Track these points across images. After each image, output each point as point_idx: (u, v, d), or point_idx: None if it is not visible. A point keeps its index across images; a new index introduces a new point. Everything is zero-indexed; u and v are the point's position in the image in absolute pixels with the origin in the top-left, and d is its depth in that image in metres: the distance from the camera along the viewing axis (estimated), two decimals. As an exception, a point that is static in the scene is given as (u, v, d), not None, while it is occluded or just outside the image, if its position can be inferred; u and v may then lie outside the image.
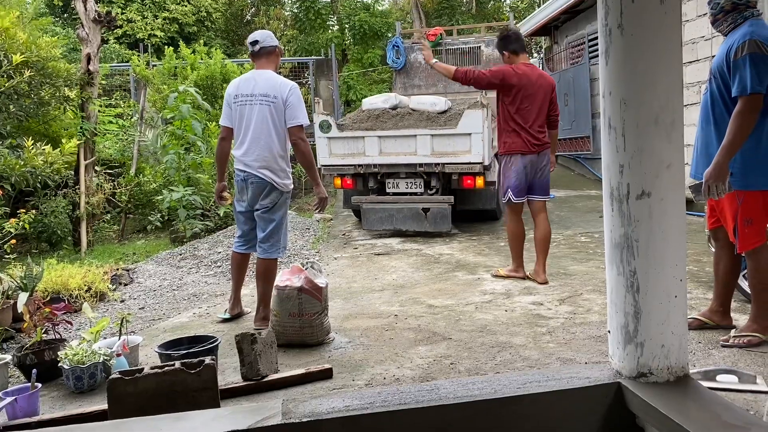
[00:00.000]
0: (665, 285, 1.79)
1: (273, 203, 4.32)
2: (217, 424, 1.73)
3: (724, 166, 3.25)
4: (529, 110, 5.08)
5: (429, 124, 7.53)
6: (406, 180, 7.71)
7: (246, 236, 4.52)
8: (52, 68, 7.42)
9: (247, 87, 4.29)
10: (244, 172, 4.30)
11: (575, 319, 4.23)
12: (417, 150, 7.42)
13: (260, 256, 4.39)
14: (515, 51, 5.25)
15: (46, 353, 3.67)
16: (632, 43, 1.76)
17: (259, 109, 4.22)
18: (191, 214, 8.16)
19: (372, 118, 7.92)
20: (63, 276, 5.35)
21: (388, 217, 7.57)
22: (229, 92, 4.41)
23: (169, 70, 10.98)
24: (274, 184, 4.27)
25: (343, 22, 18.39)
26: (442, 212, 7.42)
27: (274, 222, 4.35)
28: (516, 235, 5.33)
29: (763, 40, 3.21)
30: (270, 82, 4.27)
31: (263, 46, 4.36)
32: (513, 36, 5.31)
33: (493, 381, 1.92)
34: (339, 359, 3.75)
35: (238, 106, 4.29)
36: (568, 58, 13.76)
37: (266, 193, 4.29)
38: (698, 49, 7.90)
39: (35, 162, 6.61)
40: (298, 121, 4.23)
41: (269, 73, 4.35)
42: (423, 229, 7.51)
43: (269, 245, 4.37)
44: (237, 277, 4.62)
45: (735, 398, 2.83)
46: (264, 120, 4.22)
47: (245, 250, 4.56)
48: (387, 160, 7.56)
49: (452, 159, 7.31)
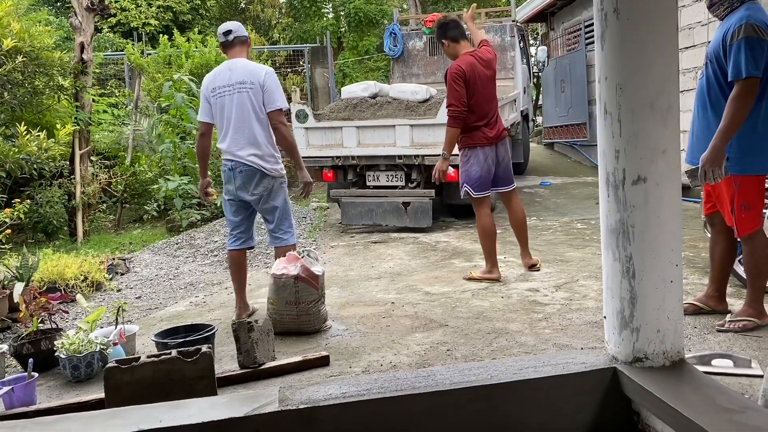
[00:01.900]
0: (661, 270, 1.79)
1: (267, 190, 4.22)
2: (214, 412, 1.73)
3: (721, 150, 3.25)
4: (481, 103, 4.85)
5: (408, 114, 7.23)
6: (387, 173, 7.40)
7: (237, 228, 4.37)
8: (46, 57, 7.36)
9: (223, 78, 4.20)
10: (232, 161, 4.20)
11: (571, 305, 4.24)
12: (396, 141, 7.13)
13: (275, 244, 4.32)
14: (455, 38, 4.96)
15: (42, 343, 3.67)
16: (628, 28, 1.75)
17: (238, 97, 4.14)
18: (187, 204, 8.13)
19: (350, 108, 7.61)
20: (59, 266, 5.34)
21: (368, 212, 7.25)
22: (205, 86, 4.31)
23: (164, 59, 10.90)
24: (263, 170, 4.18)
25: (338, 10, 18.27)
26: (422, 207, 7.11)
27: (278, 208, 4.26)
28: (486, 232, 4.95)
29: (759, 23, 3.20)
30: (246, 68, 4.20)
31: (237, 35, 4.28)
32: (452, 23, 5.04)
33: (490, 367, 1.93)
34: (336, 347, 3.75)
35: (218, 98, 4.20)
36: (564, 44, 13.70)
37: (257, 181, 4.19)
38: (695, 35, 7.88)
39: (30, 149, 6.56)
40: (277, 105, 4.15)
41: (243, 60, 4.27)
42: (403, 224, 7.21)
43: (282, 232, 4.29)
44: (238, 278, 4.40)
45: (730, 382, 2.84)
46: (244, 107, 4.14)
47: (240, 246, 4.39)
48: (366, 151, 7.27)
49: (432, 150, 6.85)
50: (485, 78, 4.88)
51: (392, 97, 7.71)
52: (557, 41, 14.27)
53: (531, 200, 8.86)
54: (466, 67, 4.79)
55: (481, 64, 4.88)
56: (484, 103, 4.88)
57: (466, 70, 4.78)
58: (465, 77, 4.76)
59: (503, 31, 9.93)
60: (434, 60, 10.08)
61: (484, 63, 4.91)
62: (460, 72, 4.77)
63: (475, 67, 4.83)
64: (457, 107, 4.77)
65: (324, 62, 14.02)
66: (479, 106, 4.84)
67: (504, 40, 9.86)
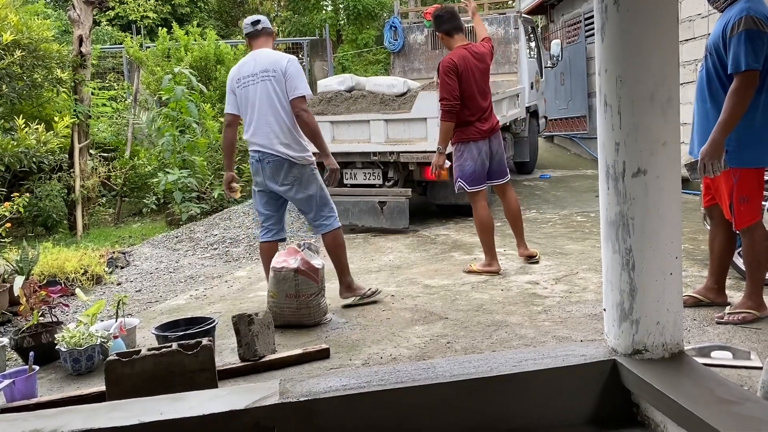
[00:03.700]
0: (660, 263, 1.80)
1: (296, 179, 4.16)
2: (214, 404, 1.74)
3: (720, 143, 3.24)
4: (474, 97, 4.82)
5: (383, 108, 6.88)
6: (364, 170, 7.07)
7: (268, 220, 4.35)
8: (45, 50, 7.34)
9: (248, 68, 4.20)
10: (259, 152, 4.16)
11: (571, 297, 4.25)
12: (371, 137, 6.79)
13: (321, 231, 4.29)
14: (448, 32, 4.91)
15: (43, 336, 3.67)
16: (628, 20, 1.74)
17: (262, 86, 4.12)
18: (187, 197, 8.13)
19: (324, 102, 7.23)
20: (59, 259, 5.35)
21: (344, 212, 6.64)
22: (231, 78, 4.30)
23: (163, 52, 10.88)
24: (291, 159, 4.12)
25: (337, 3, 18.21)
26: (399, 206, 6.77)
27: (313, 196, 4.20)
28: (484, 226, 4.93)
29: (759, 16, 3.19)
30: (269, 57, 4.19)
31: (265, 26, 4.31)
32: (446, 15, 4.94)
33: (489, 359, 1.93)
34: (336, 339, 3.76)
35: (242, 88, 4.19)
36: (564, 37, 13.65)
37: (286, 170, 4.14)
38: (695, 27, 7.86)
39: (28, 142, 6.55)
40: (299, 92, 4.11)
41: (267, 50, 4.28)
42: (379, 225, 6.89)
43: (324, 218, 4.26)
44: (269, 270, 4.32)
45: (729, 374, 2.85)
46: (268, 96, 4.12)
47: (271, 238, 4.36)
48: (340, 148, 6.79)
49: (408, 147, 6.63)
50: (478, 72, 4.86)
51: (368, 90, 7.37)
52: (557, 34, 14.23)
53: (531, 193, 8.85)
54: (458, 60, 4.77)
55: (474, 57, 4.86)
56: (477, 97, 4.85)
57: (458, 63, 4.76)
58: (457, 70, 4.74)
59: (506, 23, 9.52)
60: (436, 54, 9.68)
61: (478, 57, 4.89)
62: (451, 65, 4.75)
63: (467, 61, 4.80)
64: (450, 101, 4.74)
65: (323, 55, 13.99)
66: (472, 100, 4.82)
67: (508, 32, 9.48)
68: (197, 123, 8.87)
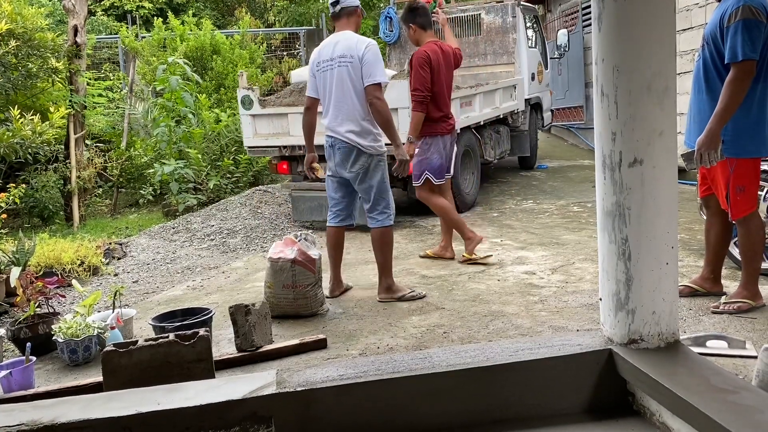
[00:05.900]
0: (657, 252, 1.80)
1: (363, 168, 4.14)
2: (211, 394, 1.74)
3: (716, 133, 3.25)
4: (443, 93, 4.91)
5: None
6: None
7: (338, 206, 4.35)
8: (39, 39, 7.29)
9: (328, 52, 4.14)
10: (332, 138, 4.17)
11: (567, 287, 4.26)
12: None
13: (371, 225, 4.28)
14: (422, 26, 4.95)
15: (39, 327, 3.68)
16: (625, 9, 1.74)
17: (338, 71, 4.07)
18: (183, 188, 8.10)
19: (296, 93, 6.96)
20: (55, 250, 5.34)
21: (318, 207, 6.49)
22: (312, 60, 4.26)
23: (159, 42, 10.81)
24: (360, 147, 4.09)
25: (334, -8, 18.09)
26: None
27: (374, 187, 4.18)
28: (447, 208, 5.05)
29: (756, 5, 3.19)
30: (348, 42, 4.11)
31: (344, 6, 4.21)
32: (421, 9, 4.98)
33: (486, 349, 1.93)
34: (333, 329, 3.77)
35: (321, 72, 4.15)
36: (561, 26, 13.62)
37: (354, 158, 4.12)
38: (692, 17, 7.84)
39: (24, 132, 6.52)
40: (375, 79, 4.03)
41: (348, 33, 4.19)
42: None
43: (377, 213, 4.23)
44: (334, 255, 4.43)
45: (724, 363, 2.86)
46: (343, 82, 4.07)
47: (338, 223, 4.37)
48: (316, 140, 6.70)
49: None
50: (447, 69, 4.95)
51: None
52: (554, 23, 14.19)
53: (527, 183, 8.86)
54: (432, 53, 4.84)
55: (443, 54, 4.94)
56: (445, 93, 4.96)
57: (432, 56, 4.82)
58: (431, 63, 4.80)
59: (504, 12, 9.11)
60: None
61: (446, 55, 4.97)
62: (426, 57, 4.81)
63: (439, 56, 4.88)
64: (422, 92, 4.78)
65: (320, 45, 13.92)
66: (441, 95, 4.91)
67: (505, 21, 9.09)
68: (193, 114, 8.83)
